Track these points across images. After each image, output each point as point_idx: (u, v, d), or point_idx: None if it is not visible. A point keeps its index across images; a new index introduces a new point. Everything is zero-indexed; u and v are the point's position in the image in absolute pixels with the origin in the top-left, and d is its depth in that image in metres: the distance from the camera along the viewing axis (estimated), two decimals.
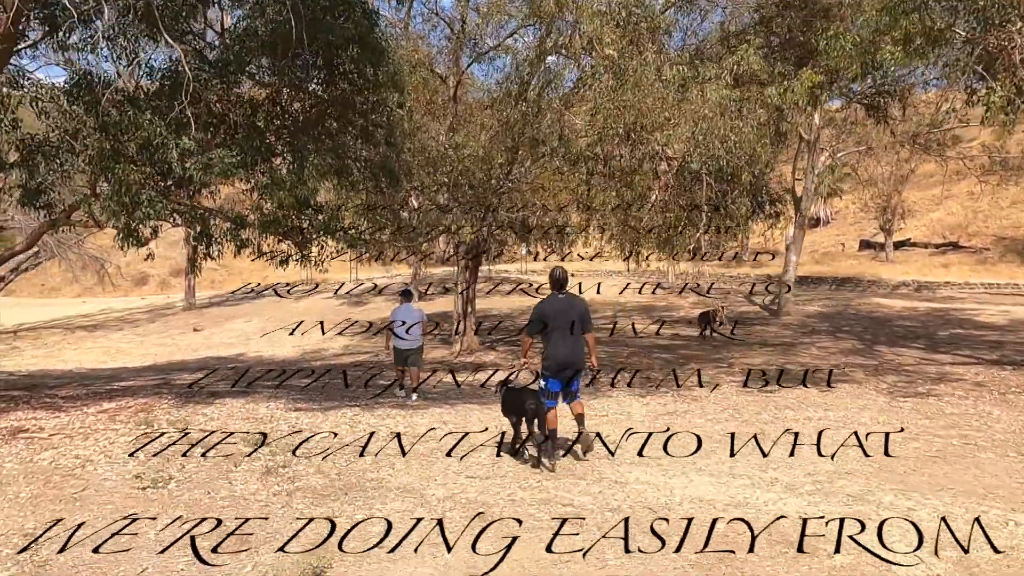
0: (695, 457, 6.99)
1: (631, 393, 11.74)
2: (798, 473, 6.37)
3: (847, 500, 5.52)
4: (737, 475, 6.24)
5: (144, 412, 9.61)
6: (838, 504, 5.41)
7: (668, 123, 9.07)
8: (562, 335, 6.65)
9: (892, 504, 5.40)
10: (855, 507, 5.34)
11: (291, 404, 10.59)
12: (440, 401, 10.91)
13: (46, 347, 29.72)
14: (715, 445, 7.44)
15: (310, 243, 9.96)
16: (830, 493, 5.71)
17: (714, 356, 16.38)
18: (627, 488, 5.81)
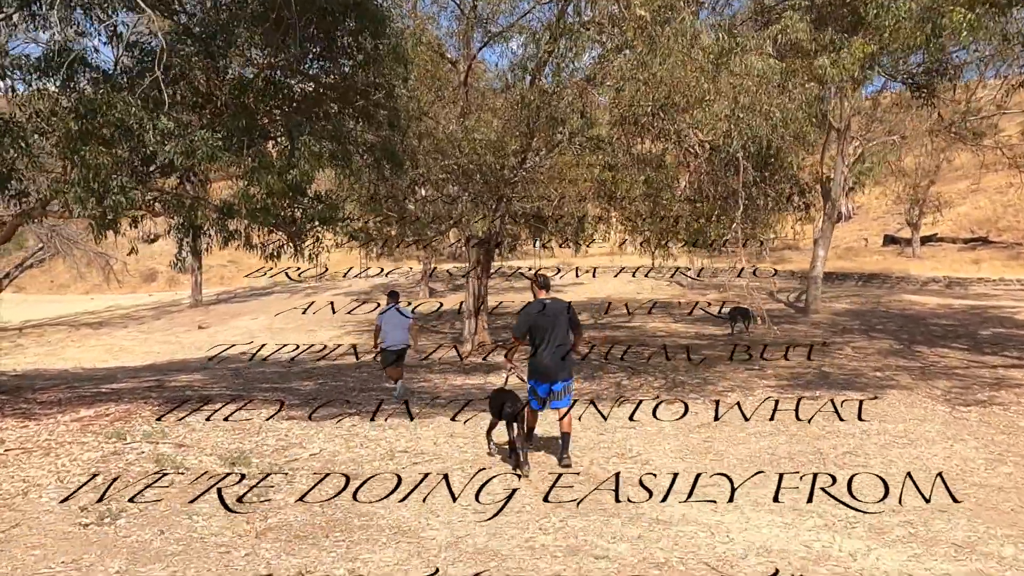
0: (747, 484, 5.96)
1: (658, 398, 10.72)
2: (878, 509, 5.31)
3: (955, 552, 4.48)
4: (804, 511, 5.23)
5: (122, 421, 8.71)
6: (945, 559, 4.38)
7: (704, 99, 8.04)
8: (547, 340, 6.62)
9: (1017, 559, 4.35)
10: (971, 563, 4.30)
11: (285, 411, 9.67)
12: (449, 408, 9.94)
13: (49, 345, 29.08)
14: (767, 468, 6.42)
15: (304, 234, 9.01)
16: (929, 541, 4.68)
17: (742, 357, 15.31)
18: (672, 531, 4.80)
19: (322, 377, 14.36)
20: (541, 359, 6.65)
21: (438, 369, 15.14)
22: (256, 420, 8.85)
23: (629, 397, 10.95)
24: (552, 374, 6.66)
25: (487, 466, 6.53)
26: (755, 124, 7.72)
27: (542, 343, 6.62)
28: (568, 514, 5.19)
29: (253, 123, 8.45)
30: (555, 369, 6.68)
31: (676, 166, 9.12)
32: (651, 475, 6.25)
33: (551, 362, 6.63)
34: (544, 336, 6.62)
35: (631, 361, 15.23)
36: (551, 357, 6.64)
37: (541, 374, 6.67)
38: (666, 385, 12.20)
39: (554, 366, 6.67)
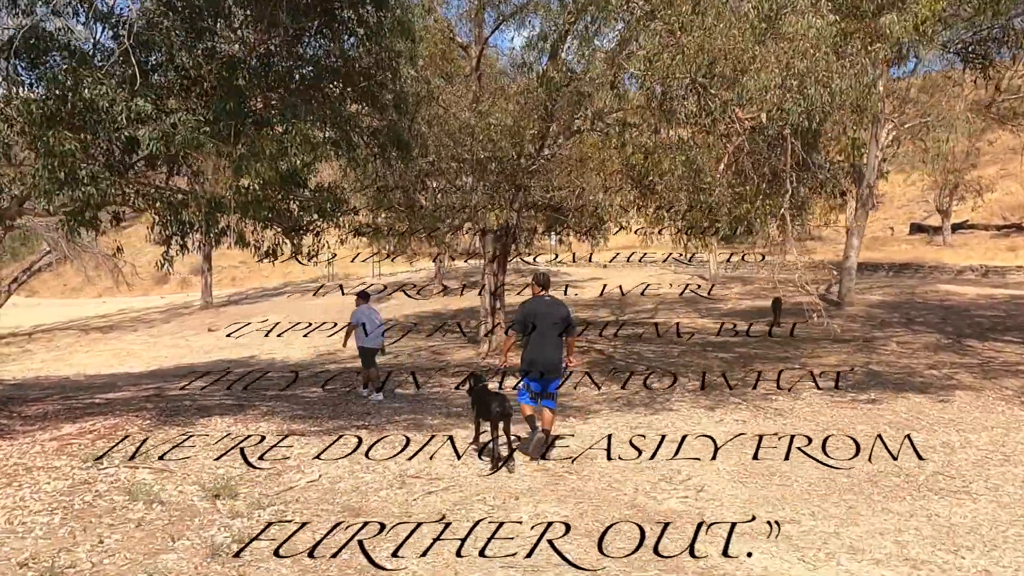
0: (829, 518, 4.95)
1: (695, 404, 9.74)
2: (1013, 558, 4.29)
3: None
4: (917, 561, 4.22)
5: (105, 440, 7.86)
6: None
7: (752, 65, 7.03)
8: (543, 337, 6.66)
9: None
10: None
11: (287, 423, 8.79)
12: (466, 418, 9.00)
13: (57, 350, 28.48)
14: (850, 497, 5.39)
15: (303, 230, 8.09)
16: None
17: (780, 355, 14.28)
18: None
19: (330, 382, 13.49)
20: (543, 352, 6.65)
21: (453, 372, 14.22)
22: (253, 436, 7.97)
23: (663, 402, 9.97)
24: (552, 369, 6.70)
25: (514, 493, 5.59)
26: (813, 93, 6.70)
27: (543, 338, 6.63)
28: (608, 561, 4.21)
29: (243, 106, 7.54)
30: (556, 364, 6.74)
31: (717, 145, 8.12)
32: (709, 503, 5.27)
33: (554, 356, 6.69)
34: (545, 331, 6.65)
35: (660, 360, 14.24)
36: (554, 351, 6.70)
37: (541, 367, 6.66)
38: (702, 387, 11.20)
39: (556, 361, 6.73)
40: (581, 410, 9.47)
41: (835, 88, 6.78)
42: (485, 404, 6.68)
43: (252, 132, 7.10)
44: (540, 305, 6.81)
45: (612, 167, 9.63)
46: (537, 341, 6.71)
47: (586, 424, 8.41)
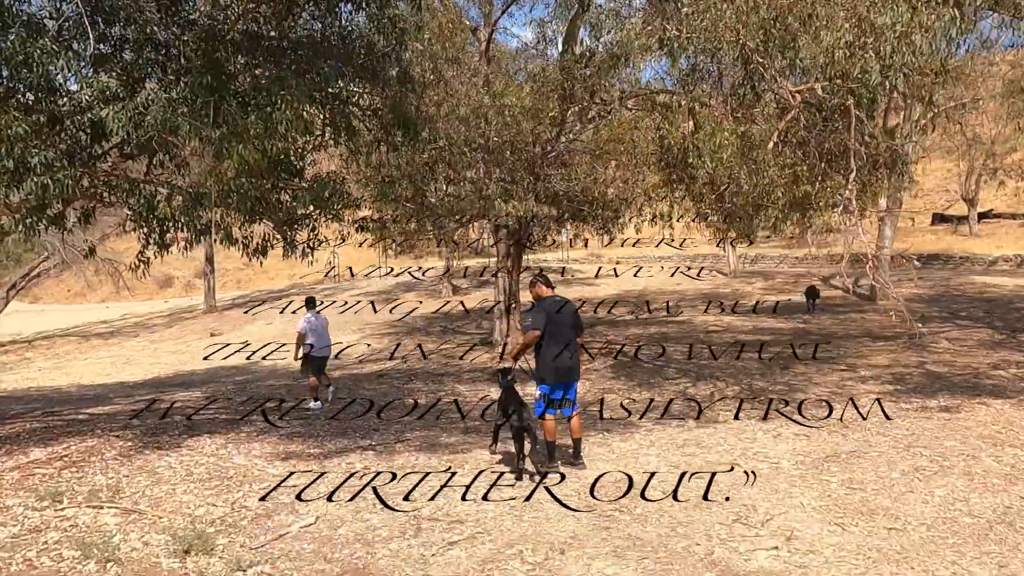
0: None
1: (744, 414, 8.65)
2: None
3: None
4: None
5: (75, 467, 6.85)
6: None
7: (812, 25, 5.95)
8: (561, 338, 6.22)
9: None
10: None
11: (283, 443, 7.77)
12: (486, 433, 7.95)
13: (56, 358, 27.61)
14: (992, 548, 4.25)
15: (296, 224, 7.05)
16: None
17: (821, 354, 13.17)
18: None
19: (335, 391, 12.45)
20: (563, 359, 6.18)
21: (467, 378, 13.17)
22: (242, 460, 6.95)
23: (706, 412, 8.89)
24: (573, 375, 6.31)
25: (558, 543, 4.53)
26: (894, 52, 5.61)
27: (560, 342, 6.17)
28: None
29: (225, 82, 6.49)
30: (576, 369, 6.34)
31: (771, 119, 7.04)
32: (808, 558, 4.20)
33: (573, 362, 6.25)
34: (563, 334, 6.21)
35: (691, 362, 13.15)
36: (574, 355, 6.27)
37: (562, 375, 6.20)
38: (744, 393, 10.12)
39: (575, 366, 6.32)
40: (617, 424, 8.41)
41: (916, 47, 5.68)
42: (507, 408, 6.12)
43: (235, 110, 6.05)
44: (554, 305, 6.33)
45: (646, 148, 8.54)
46: (557, 345, 6.19)
47: (626, 442, 7.35)
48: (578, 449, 6.39)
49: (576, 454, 6.37)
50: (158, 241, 7.43)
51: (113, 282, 34.36)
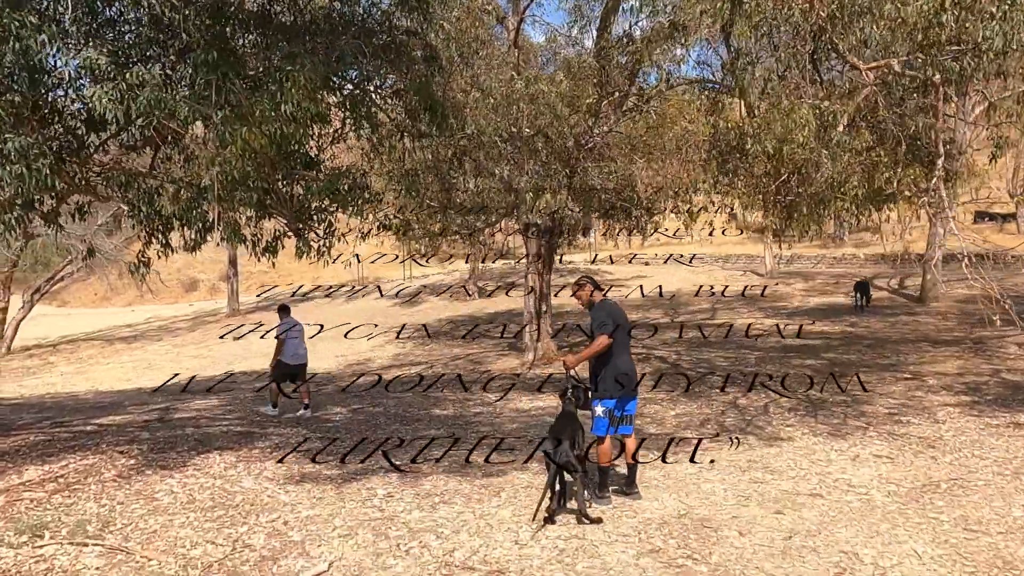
0: None
1: (809, 429, 7.76)
2: None
3: None
4: None
5: (67, 491, 6.18)
6: None
7: None
8: (625, 345, 5.60)
9: None
10: None
11: (298, 461, 7.03)
12: (523, 456, 7.16)
13: (79, 362, 27.34)
14: None
15: (310, 219, 6.30)
16: None
17: (881, 360, 12.19)
18: None
19: (358, 399, 11.75)
20: (629, 368, 5.51)
21: (496, 387, 12.37)
22: (252, 483, 6.21)
23: (765, 427, 8.00)
24: (635, 385, 5.63)
25: None
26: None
27: (625, 349, 5.54)
28: None
29: (231, 60, 5.76)
30: (636, 379, 5.65)
31: (844, 97, 6.16)
32: None
33: (634, 371, 5.59)
34: (626, 341, 5.58)
35: (735, 368, 12.24)
36: (633, 366, 5.62)
37: (624, 385, 5.45)
38: (803, 405, 9.21)
39: (636, 376, 5.65)
40: (665, 439, 7.55)
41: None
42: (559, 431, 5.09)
43: (239, 90, 5.31)
44: (616, 308, 5.68)
45: (698, 135, 7.68)
46: (623, 353, 5.50)
47: (681, 464, 6.50)
48: (633, 476, 5.57)
49: (631, 482, 5.54)
50: (161, 240, 6.71)
51: (136, 286, 34.10)
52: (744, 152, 7.43)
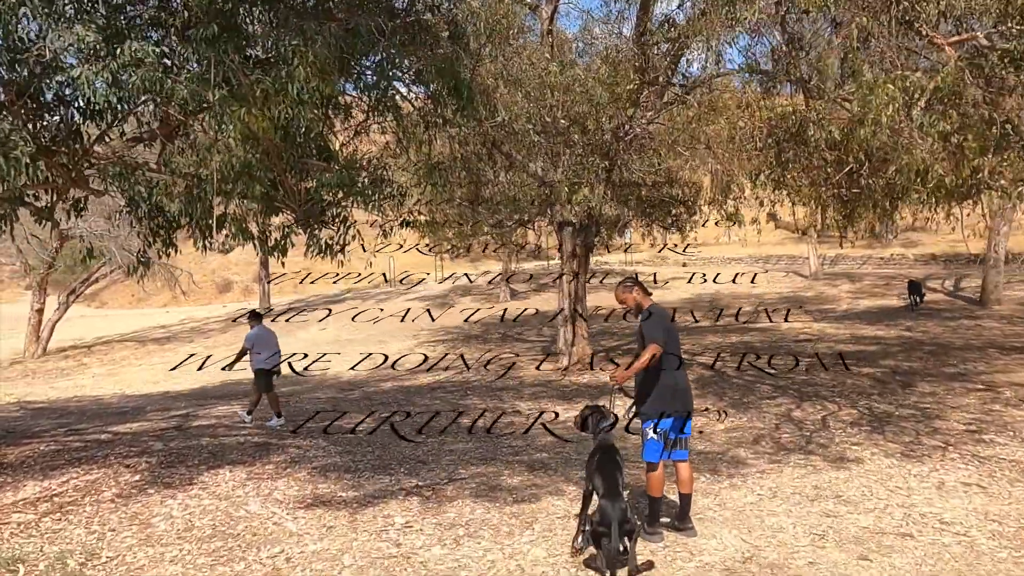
0: None
1: (879, 448, 6.92)
2: None
3: None
4: None
5: (59, 513, 5.66)
6: None
7: None
8: (677, 355, 4.86)
9: None
10: None
11: (313, 480, 6.44)
12: (561, 474, 6.46)
13: (112, 363, 27.38)
14: None
15: (323, 215, 5.69)
16: None
17: (946, 369, 11.23)
18: None
19: (384, 405, 11.16)
20: (679, 380, 4.79)
21: (528, 394, 11.69)
22: (258, 507, 5.62)
23: (828, 445, 7.19)
24: (690, 401, 4.91)
25: None
26: None
27: (678, 360, 4.82)
28: None
29: (233, 37, 5.16)
30: (691, 395, 4.97)
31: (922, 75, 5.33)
32: None
33: (688, 386, 4.93)
34: (677, 351, 4.85)
35: (788, 377, 11.37)
36: (687, 380, 4.94)
37: (682, 404, 4.76)
38: (865, 418, 8.36)
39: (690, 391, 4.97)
40: (718, 460, 6.80)
41: None
42: (607, 482, 4.13)
43: (239, 67, 4.70)
44: (667, 315, 4.94)
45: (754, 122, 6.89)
46: (674, 365, 4.77)
47: (738, 490, 5.75)
48: (687, 509, 4.81)
49: (684, 515, 4.79)
50: (164, 238, 6.15)
51: (169, 287, 34.13)
52: (804, 141, 6.64)
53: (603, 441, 4.44)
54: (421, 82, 5.91)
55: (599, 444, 4.43)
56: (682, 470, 4.80)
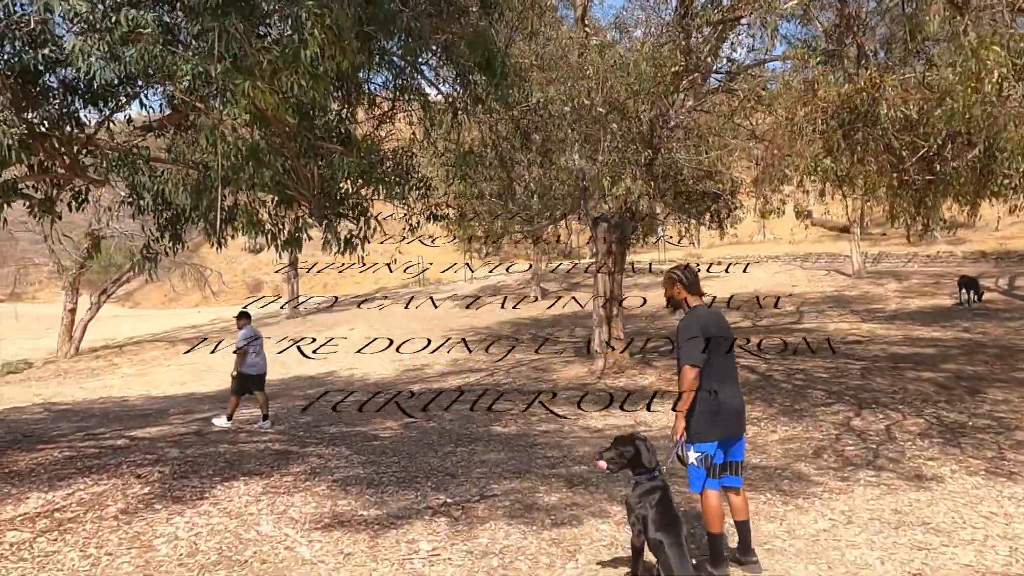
0: None
1: (959, 463, 6.20)
2: None
3: None
4: None
5: (57, 532, 5.20)
6: None
7: None
8: (724, 369, 4.12)
9: None
10: None
11: (333, 495, 5.91)
12: (602, 492, 5.85)
13: (142, 364, 27.37)
14: None
15: (341, 204, 5.14)
16: None
17: (1015, 374, 10.37)
18: None
19: (412, 412, 10.62)
20: (730, 399, 4.10)
21: (563, 398, 11.08)
22: (270, 528, 5.10)
23: (899, 459, 6.47)
24: (742, 421, 4.22)
25: None
26: None
27: (724, 374, 4.14)
28: None
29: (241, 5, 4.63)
30: (742, 407, 4.23)
31: None
32: None
33: (740, 404, 4.21)
34: (726, 363, 4.17)
35: (841, 382, 10.59)
36: (739, 397, 4.21)
37: (731, 424, 4.11)
38: (937, 430, 7.60)
39: (743, 410, 4.24)
40: (777, 476, 6.13)
41: None
42: (672, 533, 3.52)
43: (243, 35, 4.17)
44: (712, 319, 4.19)
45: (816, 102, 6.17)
46: (721, 380, 4.10)
47: (806, 514, 5.09)
48: (747, 537, 4.16)
49: (745, 547, 4.14)
50: (173, 233, 5.66)
51: (199, 287, 34.19)
52: (874, 121, 5.93)
53: (655, 481, 3.77)
54: (449, 58, 5.33)
55: (652, 485, 3.74)
56: (735, 499, 4.15)
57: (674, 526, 3.48)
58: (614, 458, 3.84)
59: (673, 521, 3.52)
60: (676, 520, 3.53)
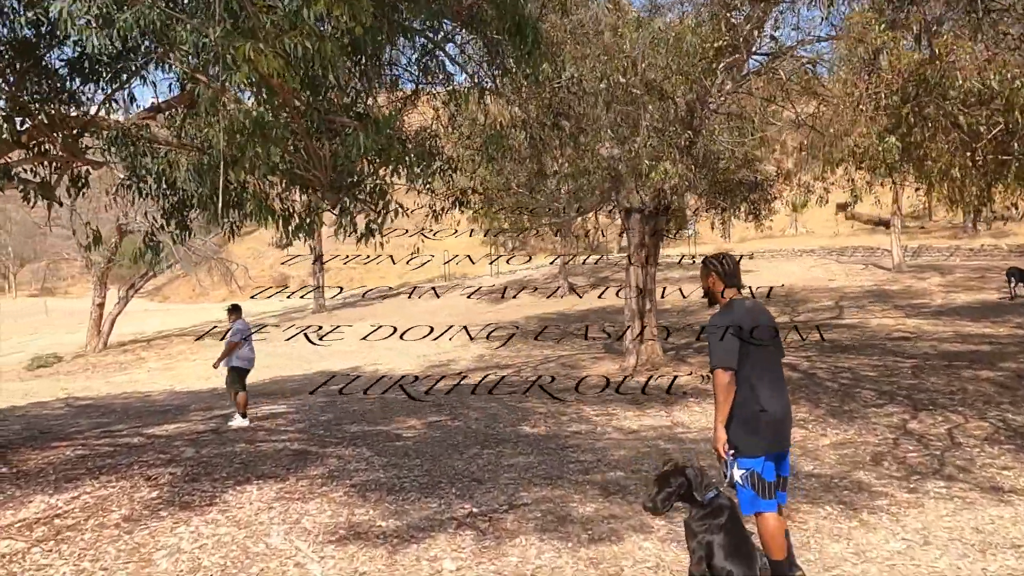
0: None
1: None
2: None
3: None
4: None
5: (53, 541, 4.85)
6: None
7: None
8: (769, 369, 3.59)
9: None
10: None
11: (347, 506, 5.48)
12: (639, 498, 5.34)
13: (168, 358, 27.39)
14: None
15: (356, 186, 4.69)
16: None
17: None
18: None
19: (435, 410, 10.19)
20: (771, 408, 3.52)
21: (593, 396, 10.56)
22: (280, 540, 4.68)
23: (968, 468, 5.88)
24: (788, 433, 3.66)
25: None
26: None
27: (770, 375, 3.58)
28: None
29: None
30: (790, 424, 3.68)
31: None
32: None
33: (785, 412, 3.61)
34: (769, 364, 3.61)
35: (892, 381, 9.94)
36: (783, 404, 3.59)
37: (778, 437, 3.55)
38: (1005, 435, 6.98)
39: (790, 419, 3.67)
40: (834, 485, 5.57)
41: None
42: (745, 566, 3.05)
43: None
44: (750, 315, 3.65)
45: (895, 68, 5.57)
46: (763, 379, 3.56)
47: (873, 531, 4.54)
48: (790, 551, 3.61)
49: (790, 560, 3.58)
50: (179, 220, 5.26)
51: (225, 282, 34.18)
52: (943, 95, 5.33)
53: (720, 499, 3.26)
54: (476, 28, 4.83)
55: (719, 504, 3.23)
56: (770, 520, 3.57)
57: (748, 556, 2.96)
58: (667, 500, 3.32)
59: (746, 549, 2.99)
60: (749, 548, 3.00)
